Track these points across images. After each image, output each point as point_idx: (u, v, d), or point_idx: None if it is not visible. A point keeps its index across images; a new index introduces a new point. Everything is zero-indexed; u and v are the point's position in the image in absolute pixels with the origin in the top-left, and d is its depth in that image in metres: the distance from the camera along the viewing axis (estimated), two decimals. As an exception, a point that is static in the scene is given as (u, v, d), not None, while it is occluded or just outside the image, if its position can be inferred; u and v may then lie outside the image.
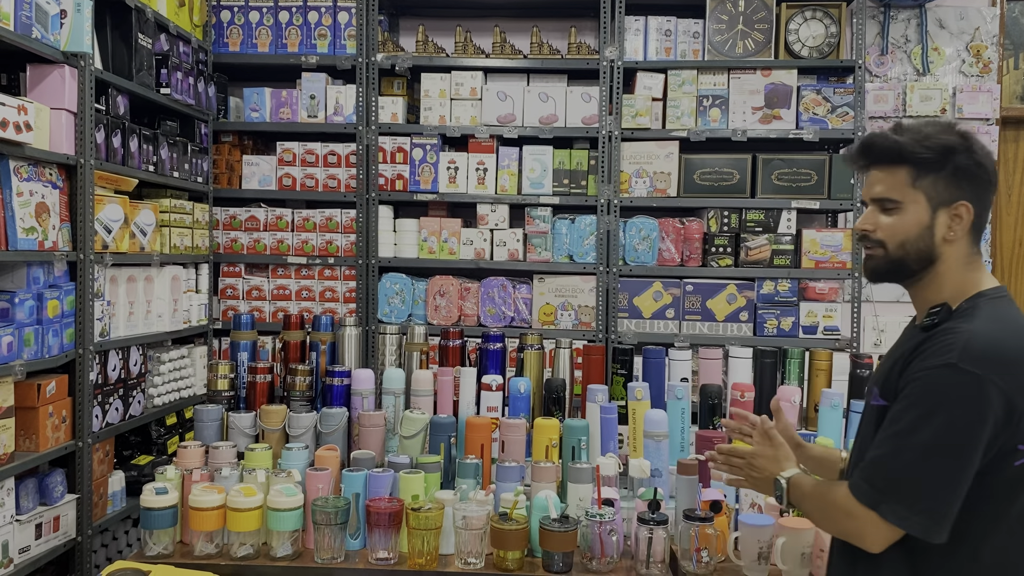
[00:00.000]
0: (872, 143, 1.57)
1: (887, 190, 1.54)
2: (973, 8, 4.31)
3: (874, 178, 1.57)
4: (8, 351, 2.51)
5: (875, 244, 1.56)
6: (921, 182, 1.51)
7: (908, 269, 1.55)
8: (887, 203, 1.54)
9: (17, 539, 2.59)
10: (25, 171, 2.63)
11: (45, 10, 2.67)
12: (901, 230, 1.53)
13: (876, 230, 1.55)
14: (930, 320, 1.50)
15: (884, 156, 1.55)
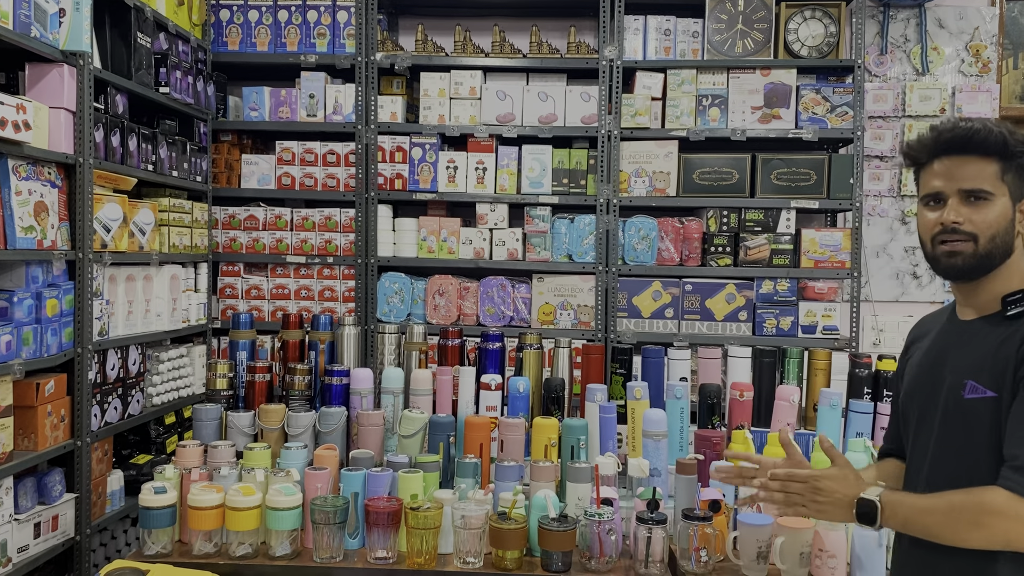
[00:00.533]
0: (975, 132, 1.52)
1: (982, 181, 1.51)
2: (972, 8, 4.31)
3: (964, 169, 1.52)
4: (7, 350, 2.51)
5: (966, 237, 1.51)
6: (1006, 176, 1.52)
7: (992, 263, 1.53)
8: (981, 195, 1.51)
9: (16, 538, 2.59)
10: (24, 170, 2.62)
11: (44, 9, 2.67)
12: (994, 223, 1.51)
13: (965, 223, 1.51)
14: (1016, 308, 1.51)
15: (984, 147, 1.52)
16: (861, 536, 1.98)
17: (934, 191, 1.56)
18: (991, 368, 1.48)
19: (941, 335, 1.65)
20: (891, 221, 4.33)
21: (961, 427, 1.51)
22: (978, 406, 1.49)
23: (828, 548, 1.97)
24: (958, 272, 1.55)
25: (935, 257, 1.57)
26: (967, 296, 1.60)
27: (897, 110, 4.30)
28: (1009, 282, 1.55)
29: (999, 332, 1.51)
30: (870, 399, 2.58)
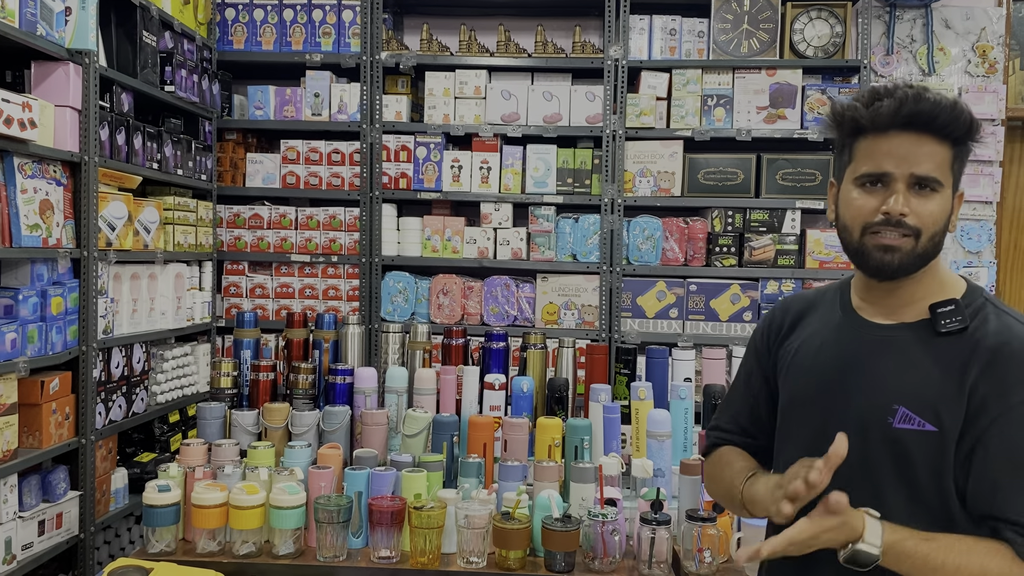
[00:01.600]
0: (943, 109, 1.27)
1: (936, 168, 1.28)
2: (979, 8, 4.29)
3: (919, 151, 1.28)
4: (12, 348, 2.51)
5: (908, 232, 1.29)
6: (955, 165, 1.31)
7: (924, 264, 1.32)
8: (932, 183, 1.28)
9: (20, 536, 2.59)
10: (29, 168, 2.63)
11: (50, 7, 2.67)
12: (939, 218, 1.30)
13: (911, 215, 1.28)
14: (953, 323, 1.31)
15: (947, 129, 1.28)
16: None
17: (880, 171, 1.29)
18: (929, 397, 1.28)
19: (843, 335, 1.40)
20: (896, 222, 4.31)
21: (891, 461, 1.30)
22: (910, 438, 1.28)
23: (832, 550, 1.96)
24: (891, 272, 1.31)
25: (863, 249, 1.32)
26: (880, 295, 1.38)
27: (903, 111, 4.28)
28: (930, 285, 1.35)
29: (933, 352, 1.30)
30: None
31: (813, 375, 1.41)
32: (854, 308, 1.42)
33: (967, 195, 4.26)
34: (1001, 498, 1.25)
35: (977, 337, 1.29)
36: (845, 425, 1.29)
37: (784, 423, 1.47)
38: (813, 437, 1.37)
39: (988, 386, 1.26)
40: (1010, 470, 1.25)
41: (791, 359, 1.47)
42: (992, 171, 4.26)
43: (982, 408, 1.26)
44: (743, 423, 1.57)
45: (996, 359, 1.26)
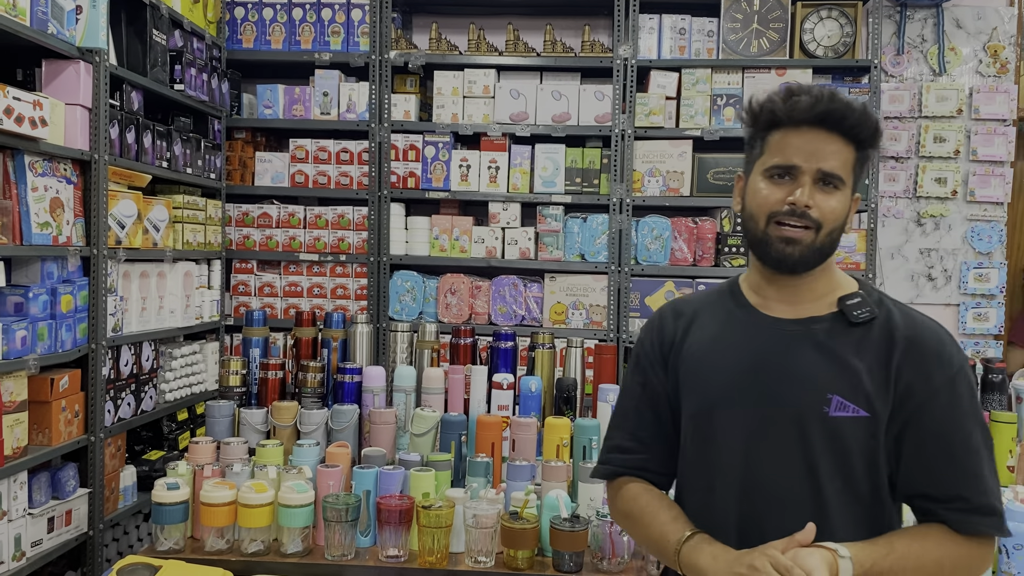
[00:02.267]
0: (852, 111, 1.34)
1: (841, 166, 1.35)
2: (991, 8, 4.27)
3: (827, 148, 1.34)
4: (22, 345, 2.52)
5: (810, 224, 1.34)
6: (856, 166, 1.38)
7: (822, 259, 1.38)
8: (835, 180, 1.35)
9: (30, 532, 2.60)
10: (40, 166, 2.64)
11: (61, 6, 2.68)
12: (839, 215, 1.36)
13: (815, 208, 1.34)
14: (864, 313, 1.37)
15: (854, 130, 1.35)
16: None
17: (788, 164, 1.34)
18: (859, 385, 1.33)
19: (753, 333, 1.42)
20: (906, 222, 4.30)
21: (829, 449, 1.33)
22: (846, 425, 1.32)
23: (842, 551, 1.95)
24: (792, 264, 1.36)
25: (766, 240, 1.36)
26: (783, 291, 1.42)
27: (913, 111, 4.26)
28: (830, 281, 1.42)
29: (853, 342, 1.36)
30: (885, 402, 2.56)
31: (730, 375, 1.40)
32: (753, 306, 1.44)
33: (978, 195, 4.24)
34: (934, 478, 1.32)
35: (890, 327, 1.36)
36: (781, 420, 1.34)
37: (702, 428, 1.43)
38: (747, 437, 1.37)
39: (911, 372, 1.33)
40: (939, 450, 1.32)
41: (694, 363, 1.45)
42: (1003, 172, 4.24)
43: (908, 393, 1.33)
44: (643, 436, 1.52)
45: (912, 347, 1.34)
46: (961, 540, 1.31)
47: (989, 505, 1.32)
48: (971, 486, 1.31)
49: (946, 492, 1.32)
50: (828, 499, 1.33)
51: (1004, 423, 2.42)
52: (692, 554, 1.34)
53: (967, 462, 1.32)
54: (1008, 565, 1.93)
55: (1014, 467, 2.38)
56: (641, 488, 1.50)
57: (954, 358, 1.35)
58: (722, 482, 1.38)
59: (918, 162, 4.28)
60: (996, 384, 2.57)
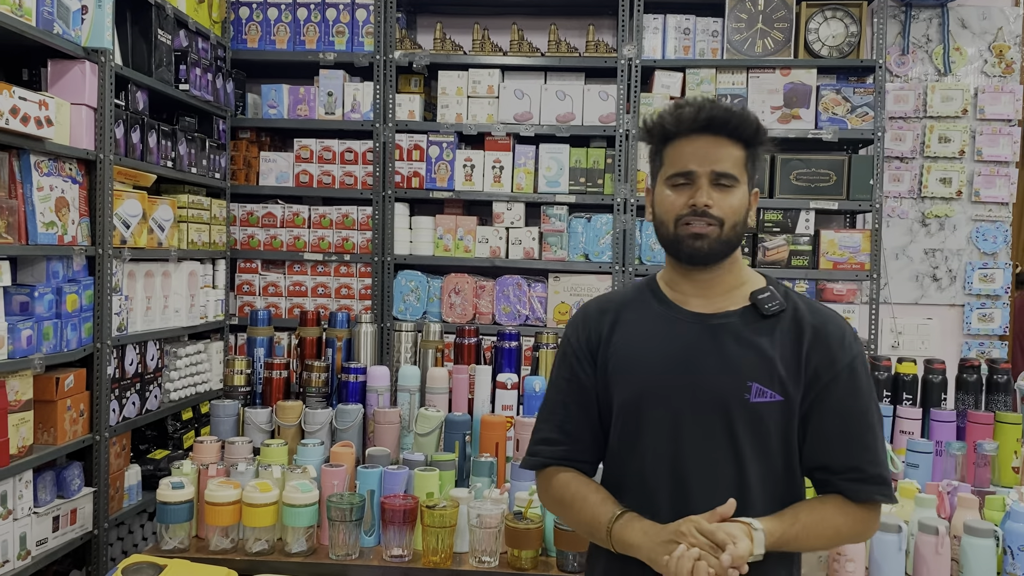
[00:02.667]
0: (733, 114, 1.47)
1: (732, 166, 1.48)
2: (996, 8, 4.26)
3: (717, 152, 1.47)
4: (27, 345, 2.53)
5: (713, 221, 1.47)
6: (748, 164, 1.51)
7: (730, 251, 1.51)
8: (729, 179, 1.48)
9: (35, 531, 2.61)
10: (45, 166, 2.64)
11: (66, 6, 2.68)
12: (739, 209, 1.49)
13: (715, 206, 1.47)
14: (775, 306, 1.50)
15: (738, 132, 1.48)
16: (880, 541, 1.96)
17: (685, 170, 1.48)
18: (772, 370, 1.46)
19: (674, 327, 1.53)
20: (911, 223, 4.29)
21: (750, 431, 1.46)
22: (764, 409, 1.46)
23: (846, 552, 1.96)
24: (703, 256, 1.49)
25: (677, 239, 1.50)
26: (697, 285, 1.54)
27: (918, 111, 4.26)
28: (740, 276, 1.55)
29: (766, 332, 1.49)
30: (889, 402, 2.56)
31: (658, 368, 1.51)
32: (673, 301, 1.56)
33: (983, 196, 4.23)
34: (833, 450, 1.47)
35: (798, 318, 1.50)
36: (707, 407, 1.47)
37: (631, 420, 1.53)
38: (676, 423, 1.48)
39: (818, 358, 1.48)
40: (839, 426, 1.47)
41: (623, 357, 1.55)
42: (1008, 172, 4.23)
43: (815, 376, 1.47)
44: (570, 428, 1.60)
45: (819, 335, 1.49)
46: (854, 508, 1.46)
47: (880, 475, 1.47)
48: (865, 458, 1.47)
49: (843, 463, 1.47)
50: (750, 477, 1.46)
51: (1009, 424, 2.41)
52: (623, 531, 1.46)
53: (863, 437, 1.47)
54: (1013, 566, 1.93)
55: (1019, 468, 2.38)
56: (570, 476, 1.59)
57: (853, 345, 1.51)
58: (655, 467, 1.49)
59: (923, 162, 4.27)
60: (1001, 385, 2.56)
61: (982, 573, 1.92)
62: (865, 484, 1.46)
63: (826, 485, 1.49)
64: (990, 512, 2.09)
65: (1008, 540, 1.94)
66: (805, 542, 1.45)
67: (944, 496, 2.13)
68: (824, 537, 1.46)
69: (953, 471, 2.32)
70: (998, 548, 1.95)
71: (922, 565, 1.95)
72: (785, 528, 1.42)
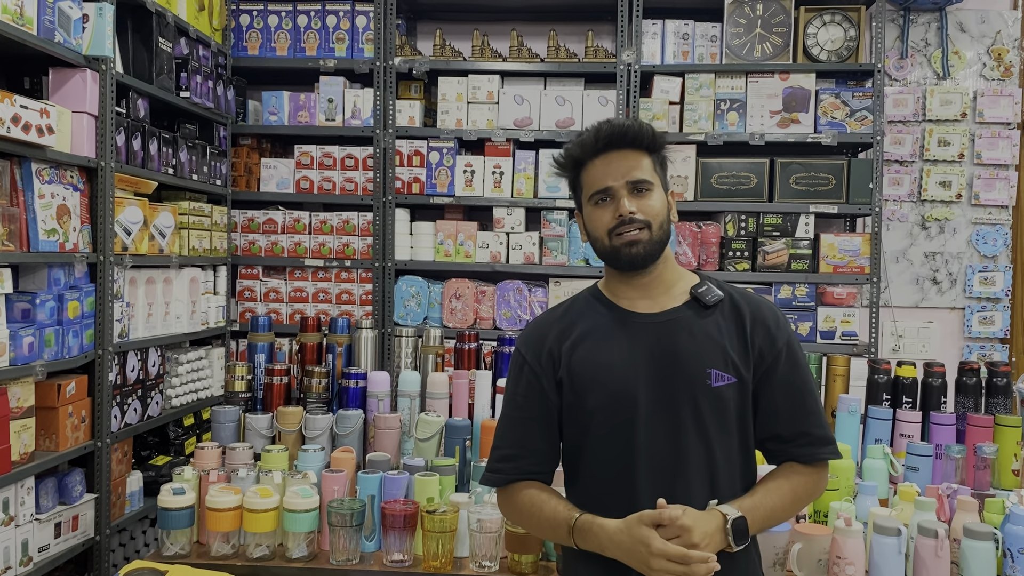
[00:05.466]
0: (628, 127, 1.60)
1: (643, 172, 1.60)
2: (994, 11, 4.27)
3: (626, 163, 1.59)
4: (29, 351, 2.54)
5: (641, 225, 1.58)
6: (657, 168, 1.63)
7: (662, 249, 1.62)
8: (645, 185, 1.60)
9: (37, 538, 2.61)
10: (47, 174, 2.66)
11: (68, 15, 2.70)
12: (660, 209, 1.61)
13: (639, 212, 1.58)
14: (714, 297, 1.62)
15: (638, 141, 1.60)
16: (879, 543, 1.96)
17: (604, 187, 1.60)
18: (725, 356, 1.57)
19: (628, 330, 1.62)
20: (911, 226, 4.30)
21: (714, 414, 1.56)
22: (724, 392, 1.57)
23: (846, 555, 1.96)
24: (641, 260, 1.59)
25: (614, 250, 1.60)
26: (639, 288, 1.64)
27: (917, 114, 4.27)
28: (675, 274, 1.67)
29: (712, 323, 1.60)
30: (889, 405, 2.56)
31: (623, 372, 1.59)
32: (620, 306, 1.65)
33: (983, 199, 4.24)
34: (782, 419, 1.60)
35: (735, 305, 1.63)
36: (676, 399, 1.56)
37: (606, 420, 1.59)
38: (648, 418, 1.56)
39: (760, 339, 1.60)
40: (786, 397, 1.60)
41: (585, 365, 1.62)
42: (1008, 175, 4.23)
43: (760, 357, 1.60)
44: (528, 443, 1.66)
45: (757, 319, 1.62)
46: (805, 470, 1.60)
47: (826, 435, 1.62)
48: (811, 422, 1.60)
49: (793, 431, 1.60)
50: (716, 457, 1.57)
51: (1008, 427, 2.42)
52: (587, 535, 1.53)
53: (807, 403, 1.61)
54: (1012, 569, 1.93)
55: (1019, 471, 2.38)
56: (530, 486, 1.66)
57: (786, 326, 1.65)
58: (632, 460, 1.57)
59: (922, 166, 4.28)
60: (1001, 388, 2.56)
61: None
62: (815, 447, 1.60)
63: (778, 454, 1.63)
64: (990, 515, 2.09)
65: (1008, 543, 1.94)
66: (773, 519, 1.57)
67: (944, 499, 2.14)
68: (786, 508, 1.58)
69: (953, 474, 2.32)
70: (998, 551, 1.95)
71: (922, 568, 1.95)
72: (761, 501, 1.54)
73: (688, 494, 1.53)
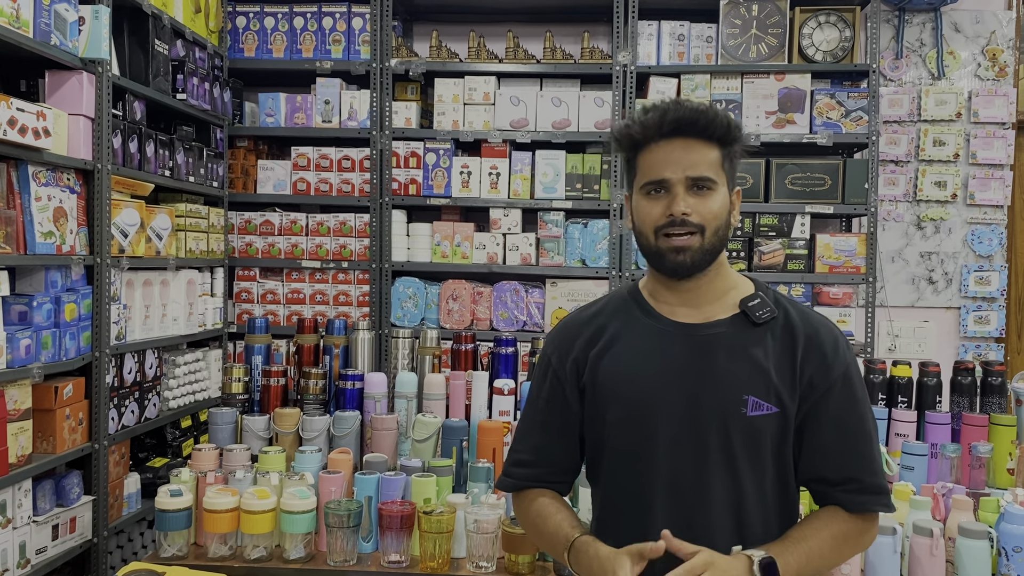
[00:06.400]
0: (701, 114, 1.40)
1: (707, 168, 1.41)
2: (989, 12, 4.28)
3: (690, 155, 1.40)
4: (26, 354, 2.54)
5: (693, 230, 1.40)
6: (725, 164, 1.44)
7: (714, 258, 1.44)
8: (707, 183, 1.41)
9: (34, 540, 2.62)
10: (43, 176, 2.66)
11: (64, 17, 2.70)
12: (719, 213, 1.42)
13: (693, 214, 1.39)
14: (766, 313, 1.44)
15: (709, 131, 1.41)
16: (875, 543, 1.96)
17: (659, 178, 1.41)
18: (768, 382, 1.41)
19: (662, 340, 1.46)
20: (906, 226, 4.31)
21: (747, 446, 1.40)
22: (761, 423, 1.41)
23: (841, 554, 1.96)
24: (686, 269, 1.42)
25: (659, 252, 1.43)
26: (682, 295, 1.48)
27: (912, 115, 4.28)
28: (726, 282, 1.49)
29: (759, 342, 1.43)
30: (885, 405, 2.57)
31: (649, 387, 1.44)
32: (659, 313, 1.49)
33: (978, 199, 4.25)
34: (829, 461, 1.43)
35: (790, 326, 1.45)
36: (704, 422, 1.41)
37: (627, 435, 1.46)
38: (672, 440, 1.42)
39: (812, 367, 1.42)
40: (835, 436, 1.43)
41: (611, 375, 1.48)
42: (1003, 175, 4.25)
43: (810, 387, 1.42)
44: (546, 450, 1.56)
45: (812, 344, 1.43)
46: (852, 518, 1.43)
47: (878, 484, 1.44)
48: (863, 468, 1.43)
49: (841, 475, 1.43)
50: (746, 493, 1.41)
51: (1003, 426, 2.42)
52: (581, 561, 1.41)
53: (860, 447, 1.43)
54: (1008, 568, 1.94)
55: (1013, 470, 2.39)
56: (542, 495, 1.56)
57: (846, 353, 1.46)
58: (650, 484, 1.43)
59: (918, 166, 4.29)
60: (995, 387, 2.57)
61: (977, 575, 1.93)
62: (863, 495, 1.43)
63: (824, 496, 1.46)
64: (985, 514, 2.10)
65: (1003, 541, 1.95)
66: (810, 566, 1.38)
67: (939, 498, 2.14)
68: (824, 555, 1.41)
69: (948, 473, 2.33)
70: (992, 549, 1.96)
71: (917, 567, 1.96)
72: (797, 544, 1.37)
73: (708, 531, 1.38)
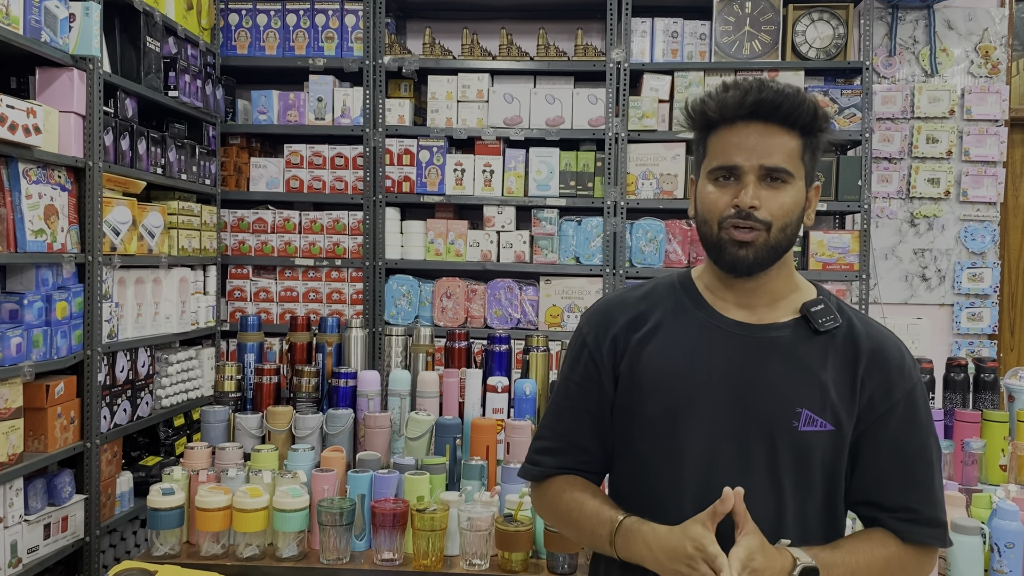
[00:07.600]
0: (786, 97, 1.27)
1: (785, 159, 1.28)
2: (981, 9, 4.29)
3: (767, 143, 1.27)
4: (17, 352, 2.53)
5: (759, 225, 1.27)
6: (805, 155, 1.31)
7: (777, 257, 1.32)
8: (782, 175, 1.28)
9: (26, 539, 2.61)
10: (34, 174, 2.64)
11: (54, 14, 2.69)
12: (790, 210, 1.29)
13: (762, 208, 1.27)
14: (829, 321, 1.33)
15: (792, 118, 1.28)
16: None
17: (730, 164, 1.28)
18: (825, 396, 1.30)
19: (715, 337, 1.35)
20: (900, 223, 4.32)
21: (795, 463, 1.30)
22: (813, 439, 1.29)
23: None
24: (747, 267, 1.30)
25: (720, 243, 1.31)
26: (742, 294, 1.36)
27: (906, 112, 4.28)
28: (788, 283, 1.37)
29: (819, 352, 1.32)
30: (878, 402, 2.57)
31: (694, 386, 1.32)
32: (712, 307, 1.37)
33: (971, 195, 4.26)
34: (884, 487, 1.32)
35: (854, 337, 1.34)
36: (749, 431, 1.30)
37: (664, 434, 1.34)
38: (712, 445, 1.31)
39: (874, 385, 1.32)
40: (893, 461, 1.32)
41: (654, 369, 1.35)
42: (996, 172, 4.25)
43: (870, 405, 1.32)
44: (576, 439, 1.43)
45: (875, 359, 1.33)
46: (908, 547, 1.32)
47: (936, 518, 1.33)
48: (921, 498, 1.32)
49: (895, 502, 1.32)
50: (787, 515, 1.30)
51: (996, 422, 2.43)
52: (628, 544, 1.29)
53: (919, 474, 1.32)
54: (1000, 563, 1.94)
55: (1006, 466, 2.39)
56: (572, 482, 1.42)
57: (913, 371, 1.35)
58: (682, 488, 1.32)
59: (911, 163, 4.30)
60: (988, 383, 2.58)
61: (969, 571, 1.93)
62: (918, 526, 1.31)
63: (875, 522, 1.34)
64: (977, 510, 2.10)
65: (995, 538, 1.96)
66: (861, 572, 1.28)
67: (932, 494, 2.15)
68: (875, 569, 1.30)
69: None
70: (985, 546, 1.97)
71: (910, 563, 1.96)
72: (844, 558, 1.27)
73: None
